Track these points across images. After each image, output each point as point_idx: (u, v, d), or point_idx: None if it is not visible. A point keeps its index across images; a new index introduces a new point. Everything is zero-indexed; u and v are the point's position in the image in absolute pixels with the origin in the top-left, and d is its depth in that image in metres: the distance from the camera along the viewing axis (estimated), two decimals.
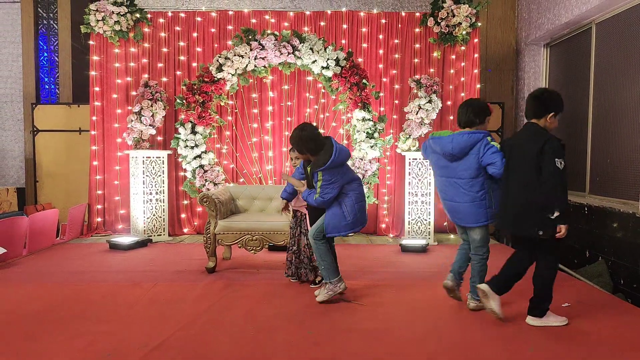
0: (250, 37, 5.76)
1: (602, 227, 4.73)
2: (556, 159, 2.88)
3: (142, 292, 3.70)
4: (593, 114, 5.33)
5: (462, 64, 6.09)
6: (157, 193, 5.81)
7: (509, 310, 3.27)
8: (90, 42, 6.08)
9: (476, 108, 3.24)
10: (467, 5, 5.82)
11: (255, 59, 5.72)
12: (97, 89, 6.11)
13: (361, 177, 5.73)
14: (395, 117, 6.17)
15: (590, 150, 5.37)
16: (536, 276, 3.11)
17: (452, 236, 6.09)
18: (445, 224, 6.24)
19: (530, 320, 3.06)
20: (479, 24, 6.02)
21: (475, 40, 6.06)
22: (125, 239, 5.34)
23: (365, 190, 5.75)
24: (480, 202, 3.20)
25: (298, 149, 3.43)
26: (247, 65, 5.76)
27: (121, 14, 5.89)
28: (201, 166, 5.79)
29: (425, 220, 5.70)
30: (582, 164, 5.53)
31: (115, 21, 5.88)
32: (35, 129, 6.54)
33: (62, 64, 6.77)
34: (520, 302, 3.48)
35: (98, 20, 5.87)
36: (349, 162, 4.48)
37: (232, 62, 5.72)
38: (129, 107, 6.05)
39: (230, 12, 6.20)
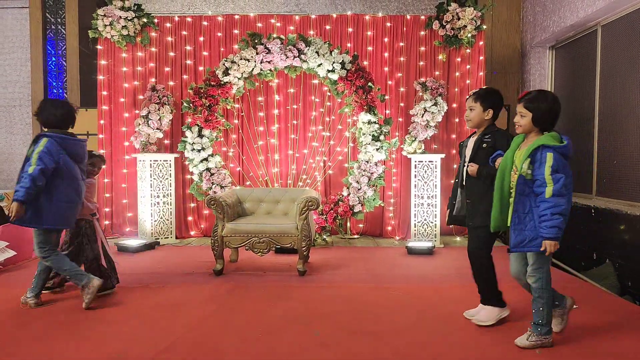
0: (256, 40, 5.79)
1: (609, 229, 4.72)
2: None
3: (150, 294, 3.73)
4: (599, 116, 5.32)
5: (468, 66, 6.10)
6: (164, 196, 5.85)
7: (515, 314, 3.27)
8: (98, 47, 6.14)
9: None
10: (472, 8, 5.83)
11: (261, 62, 5.76)
12: (104, 93, 6.17)
13: (367, 180, 5.74)
14: (400, 119, 6.18)
15: (596, 152, 5.36)
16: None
17: (458, 238, 6.09)
18: (451, 226, 6.24)
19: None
20: (484, 26, 6.03)
21: (481, 42, 6.07)
22: (133, 242, 5.38)
23: (371, 193, 5.76)
24: None
25: None
26: (253, 68, 5.79)
27: (128, 18, 5.94)
28: (208, 169, 5.82)
29: (432, 222, 5.70)
30: (588, 165, 5.52)
31: (122, 26, 5.93)
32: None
33: (70, 69, 6.84)
34: (525, 305, 3.48)
35: (106, 25, 5.93)
36: None
37: (239, 65, 5.76)
38: (137, 111, 6.09)
39: (237, 17, 6.24)
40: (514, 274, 2.91)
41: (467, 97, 3.09)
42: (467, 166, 3.07)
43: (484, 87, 2.95)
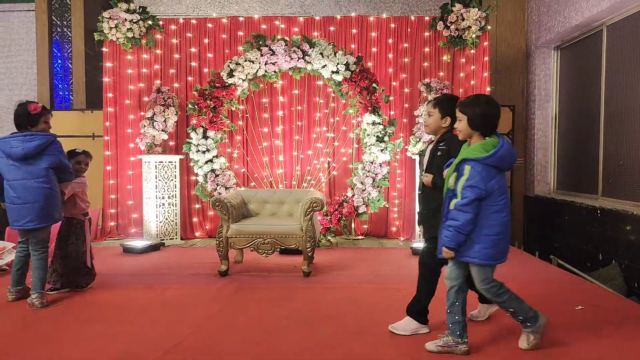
0: (260, 42, 5.81)
1: (615, 230, 4.70)
2: None
3: (155, 295, 3.75)
4: (605, 116, 5.30)
5: (472, 67, 6.09)
6: (169, 197, 5.87)
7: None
8: (104, 49, 6.17)
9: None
10: (477, 9, 5.83)
11: (265, 64, 5.78)
12: (110, 95, 6.20)
13: (371, 181, 5.75)
14: (405, 120, 6.18)
15: (602, 153, 5.34)
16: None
17: None
18: None
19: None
20: (489, 27, 6.02)
21: (485, 43, 6.06)
22: (138, 243, 5.40)
23: (376, 193, 5.76)
24: None
25: None
26: (257, 70, 5.81)
27: (134, 21, 5.97)
28: (213, 170, 5.84)
29: None
30: (594, 166, 5.50)
31: (128, 28, 5.96)
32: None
33: (76, 71, 6.88)
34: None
35: (111, 28, 5.97)
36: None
37: (243, 67, 5.78)
38: (142, 113, 6.12)
39: (241, 18, 6.26)
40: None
41: (427, 102, 2.97)
42: (423, 176, 3.01)
43: (445, 94, 2.84)
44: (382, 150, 5.72)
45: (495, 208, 2.54)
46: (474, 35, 5.92)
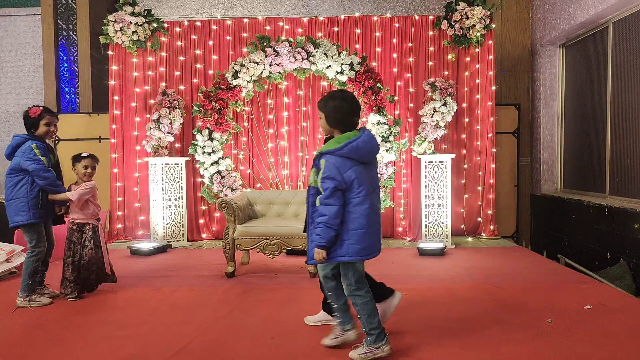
0: (265, 44, 5.82)
1: (623, 229, 4.67)
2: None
3: (163, 297, 3.77)
4: (611, 114, 5.27)
5: (477, 65, 6.07)
6: (175, 199, 5.90)
7: (526, 316, 3.25)
8: (109, 52, 6.21)
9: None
10: (481, 7, 5.81)
11: (270, 65, 5.79)
12: (116, 97, 6.24)
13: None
14: (410, 120, 6.17)
15: (609, 151, 5.31)
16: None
17: (469, 239, 6.06)
18: (462, 226, 6.21)
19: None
20: (494, 25, 6.00)
21: (490, 41, 6.04)
22: (145, 245, 5.43)
23: (382, 194, 5.76)
24: None
25: None
26: (262, 71, 5.82)
27: (139, 24, 6.00)
28: (218, 172, 5.86)
29: (442, 223, 5.68)
30: (601, 164, 5.47)
31: (133, 31, 6.00)
32: (56, 137, 6.69)
33: (82, 74, 6.92)
34: (536, 305, 3.47)
35: (116, 31, 6.00)
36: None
37: (248, 68, 5.79)
38: (148, 115, 6.15)
39: (245, 20, 6.28)
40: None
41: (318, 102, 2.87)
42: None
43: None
44: (387, 150, 5.72)
45: (355, 201, 2.52)
46: (478, 34, 5.90)
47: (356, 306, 2.62)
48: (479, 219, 6.21)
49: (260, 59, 5.78)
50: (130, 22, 5.97)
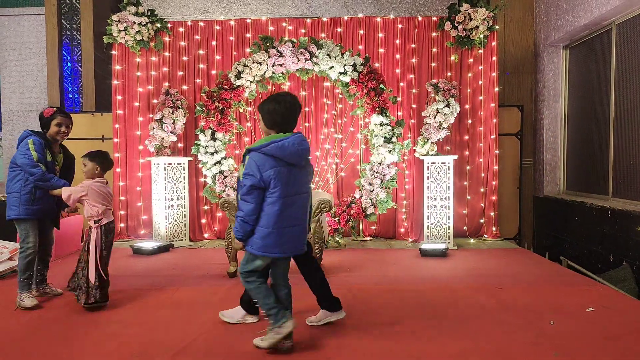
0: (268, 44, 5.83)
1: (626, 231, 4.66)
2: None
3: (166, 296, 3.77)
4: (615, 116, 5.26)
5: (480, 67, 6.07)
6: (178, 199, 5.91)
7: (528, 317, 3.25)
8: (113, 52, 6.22)
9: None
10: (485, 9, 5.81)
11: (273, 65, 5.79)
12: (119, 97, 6.25)
13: (379, 182, 5.74)
14: (412, 121, 6.17)
15: (612, 153, 5.30)
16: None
17: (472, 240, 6.06)
18: (465, 228, 6.20)
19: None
20: (497, 27, 5.99)
21: (493, 43, 6.03)
22: (148, 244, 5.44)
23: (384, 195, 5.75)
24: None
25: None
26: (265, 72, 5.83)
27: (142, 24, 6.02)
28: (221, 172, 5.87)
29: (445, 224, 5.67)
30: (604, 166, 5.46)
31: (136, 31, 6.01)
32: None
33: (86, 74, 6.93)
34: (542, 310, 3.46)
35: (120, 31, 6.01)
36: None
37: (251, 69, 5.80)
38: (151, 115, 6.16)
39: (248, 20, 6.29)
40: None
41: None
42: None
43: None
44: (390, 151, 5.72)
45: (268, 200, 2.63)
46: (481, 35, 5.90)
47: (250, 291, 2.82)
48: (481, 221, 6.20)
49: (263, 60, 5.78)
50: (134, 22, 5.98)
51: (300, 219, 2.78)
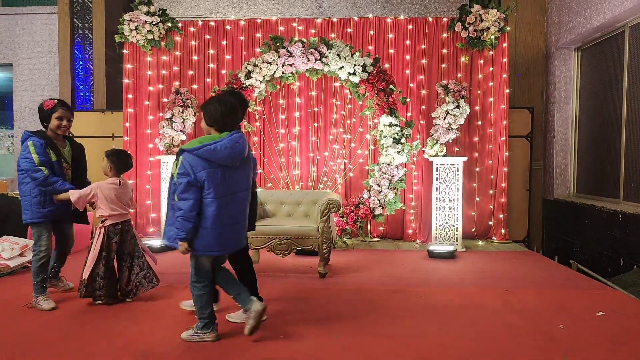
0: (278, 44, 5.84)
1: (637, 235, 4.61)
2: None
3: (174, 293, 3.79)
4: (627, 119, 5.21)
5: (491, 68, 6.04)
6: None
7: (537, 321, 3.23)
8: (124, 51, 6.27)
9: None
10: (496, 10, 5.78)
11: (283, 65, 5.80)
12: (130, 96, 6.29)
13: (388, 183, 5.72)
14: (422, 122, 6.15)
15: (624, 156, 5.25)
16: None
17: (480, 243, 6.03)
18: (473, 229, 6.17)
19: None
20: (508, 28, 5.96)
21: (504, 44, 6.00)
22: (156, 242, 5.46)
23: (392, 195, 5.74)
24: None
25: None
26: (275, 72, 5.83)
27: (153, 23, 6.06)
28: None
29: (453, 226, 5.65)
30: (615, 170, 5.41)
31: (147, 30, 6.05)
32: (71, 134, 6.76)
33: (97, 72, 7.00)
34: (548, 314, 3.44)
35: (131, 30, 6.05)
36: None
37: (261, 69, 5.81)
38: (161, 114, 6.20)
39: (259, 20, 6.30)
40: None
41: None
42: None
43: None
44: (398, 152, 5.70)
45: (205, 201, 2.72)
46: (492, 37, 5.87)
47: (192, 294, 2.89)
48: (490, 223, 6.17)
49: (273, 60, 5.79)
50: (145, 22, 6.02)
51: (240, 216, 2.89)
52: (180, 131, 5.90)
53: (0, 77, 8.46)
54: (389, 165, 5.73)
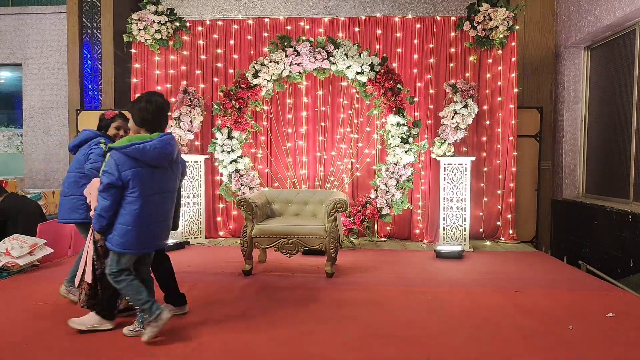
0: (285, 43, 5.84)
1: None
2: None
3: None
4: (637, 118, 5.16)
5: (499, 67, 6.00)
6: (194, 196, 5.95)
7: (547, 322, 3.20)
8: (132, 50, 6.29)
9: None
10: (505, 9, 5.73)
11: (290, 65, 5.80)
12: (138, 95, 6.30)
13: (395, 182, 5.70)
14: (429, 122, 6.12)
15: (634, 156, 5.19)
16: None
17: (488, 243, 5.99)
18: (481, 230, 6.14)
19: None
20: (517, 27, 5.91)
21: (513, 43, 5.95)
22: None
23: (399, 195, 5.71)
24: None
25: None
26: (282, 71, 5.83)
27: (161, 22, 6.07)
28: (237, 170, 5.89)
29: (461, 226, 5.62)
30: (625, 170, 5.35)
31: (155, 30, 6.06)
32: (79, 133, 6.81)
33: (105, 72, 7.03)
34: (556, 315, 3.41)
35: (140, 29, 6.07)
36: None
37: (268, 68, 5.81)
38: (169, 113, 6.21)
39: (266, 20, 6.30)
40: None
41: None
42: None
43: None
44: (406, 152, 5.68)
45: (128, 199, 2.74)
46: (501, 36, 5.83)
47: (121, 290, 2.86)
48: (498, 223, 6.13)
49: (281, 59, 5.79)
50: (153, 21, 6.04)
51: (163, 216, 2.92)
52: (188, 130, 5.92)
53: (10, 77, 8.53)
54: (396, 164, 5.71)
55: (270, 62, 5.81)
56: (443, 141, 5.71)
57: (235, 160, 5.89)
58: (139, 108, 2.84)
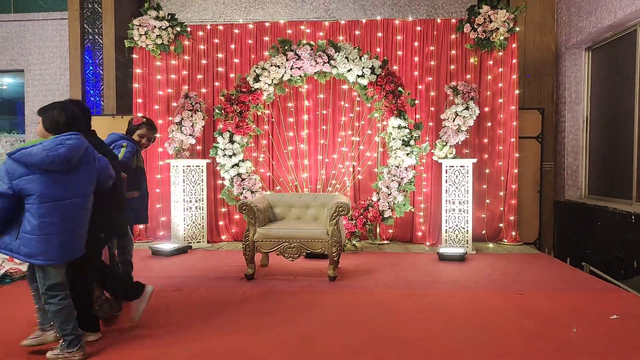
0: (286, 47, 5.85)
1: None
2: None
3: (184, 297, 3.81)
4: (639, 118, 5.15)
5: (500, 69, 6.00)
6: (196, 201, 5.96)
7: (550, 324, 3.19)
8: (134, 56, 6.31)
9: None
10: (505, 10, 5.74)
11: (291, 68, 5.81)
12: (139, 100, 6.34)
13: (397, 185, 5.69)
14: (431, 124, 6.13)
15: (636, 156, 5.18)
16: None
17: (490, 245, 5.98)
18: (483, 232, 6.13)
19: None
20: (517, 28, 5.92)
21: (514, 45, 5.96)
22: (166, 246, 5.49)
23: (401, 198, 5.71)
24: None
25: None
26: (283, 75, 5.84)
27: (163, 28, 6.10)
28: (239, 174, 5.90)
29: (463, 228, 5.61)
30: (628, 171, 5.34)
31: (157, 35, 6.09)
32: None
33: (107, 77, 7.05)
34: (557, 318, 3.40)
35: (141, 35, 6.10)
36: None
37: (269, 72, 5.82)
38: (170, 118, 6.23)
39: (267, 24, 6.32)
40: None
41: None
42: None
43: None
44: (407, 154, 5.68)
45: (28, 207, 2.54)
46: (502, 37, 5.83)
47: (49, 311, 2.65)
48: (501, 225, 6.12)
49: (282, 63, 5.80)
50: (155, 26, 6.06)
51: (71, 224, 2.64)
52: (190, 135, 5.93)
53: (12, 83, 8.56)
54: (398, 167, 5.71)
55: (271, 66, 5.82)
56: (445, 143, 5.71)
57: (237, 164, 5.89)
58: (52, 115, 2.72)
